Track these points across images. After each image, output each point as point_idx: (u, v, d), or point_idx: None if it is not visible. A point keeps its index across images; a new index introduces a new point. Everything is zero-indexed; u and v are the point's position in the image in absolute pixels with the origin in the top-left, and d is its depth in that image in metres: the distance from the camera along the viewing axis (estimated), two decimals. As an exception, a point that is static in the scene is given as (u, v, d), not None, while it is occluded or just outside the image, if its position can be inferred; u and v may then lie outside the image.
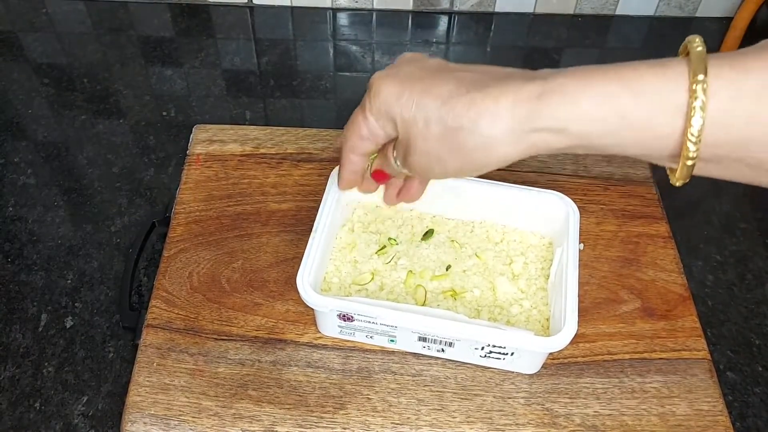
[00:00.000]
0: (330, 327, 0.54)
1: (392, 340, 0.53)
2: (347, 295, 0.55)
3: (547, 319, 0.54)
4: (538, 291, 0.55)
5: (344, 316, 0.51)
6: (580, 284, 0.52)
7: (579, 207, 0.55)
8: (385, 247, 0.57)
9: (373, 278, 0.56)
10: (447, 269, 0.56)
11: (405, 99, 0.41)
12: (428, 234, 0.58)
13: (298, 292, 0.50)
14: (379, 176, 0.49)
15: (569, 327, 0.48)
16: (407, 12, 0.98)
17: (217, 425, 0.50)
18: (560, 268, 0.53)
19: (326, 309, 0.50)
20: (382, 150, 0.47)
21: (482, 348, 0.51)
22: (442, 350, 0.53)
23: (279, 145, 0.68)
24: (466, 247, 0.58)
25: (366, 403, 0.52)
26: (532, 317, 0.54)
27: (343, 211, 0.59)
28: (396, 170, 0.46)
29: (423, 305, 0.54)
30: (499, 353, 0.51)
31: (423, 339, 0.52)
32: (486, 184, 0.57)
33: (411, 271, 0.56)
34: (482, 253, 0.57)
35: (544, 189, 0.57)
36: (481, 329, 0.49)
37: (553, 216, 0.56)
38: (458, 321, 0.49)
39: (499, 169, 0.61)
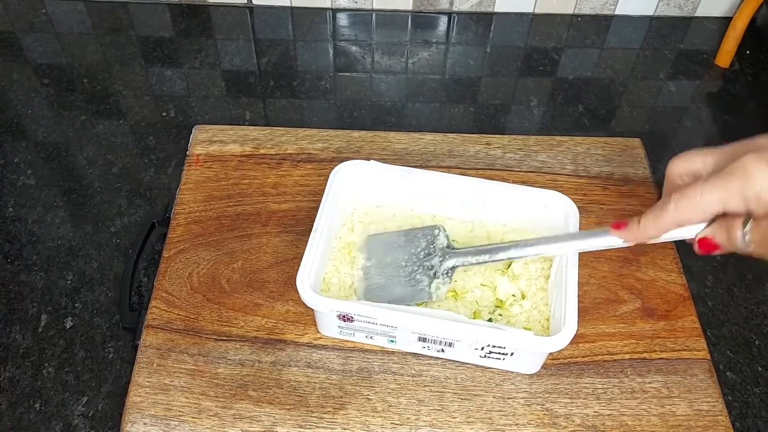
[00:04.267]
0: (330, 327, 0.54)
1: (392, 341, 0.53)
2: (347, 296, 0.55)
3: (547, 319, 0.54)
4: (538, 291, 0.55)
5: (344, 316, 0.51)
6: (580, 284, 0.52)
7: (579, 207, 0.55)
8: None
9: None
10: None
11: None
12: None
13: (297, 293, 0.50)
14: (707, 247, 0.46)
15: (569, 327, 0.48)
16: (407, 12, 0.98)
17: (217, 426, 0.50)
18: (560, 268, 0.53)
19: (326, 310, 0.50)
20: (721, 222, 0.45)
21: (482, 348, 0.51)
22: (442, 350, 0.53)
23: (279, 145, 0.68)
24: (468, 247, 0.57)
25: (366, 403, 0.52)
26: (532, 317, 0.54)
27: (343, 210, 0.59)
28: (738, 246, 0.44)
29: (423, 305, 0.54)
30: (499, 353, 0.51)
31: (423, 339, 0.52)
32: (486, 183, 0.57)
33: None
34: None
35: (543, 188, 0.57)
36: (481, 329, 0.49)
37: (552, 215, 0.56)
38: (458, 321, 0.49)
39: (498, 169, 0.61)
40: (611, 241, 0.49)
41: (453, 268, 0.54)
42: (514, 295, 0.55)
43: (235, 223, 0.62)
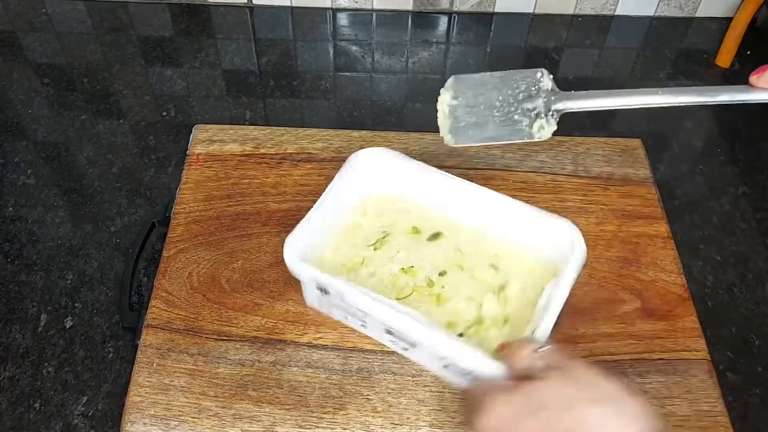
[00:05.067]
0: (310, 297, 0.54)
1: (363, 325, 0.53)
2: (336, 274, 0.53)
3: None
4: (521, 318, 0.52)
5: (321, 288, 0.51)
6: (580, 284, 0.52)
7: (579, 207, 0.55)
8: (387, 236, 0.57)
9: (363, 262, 0.55)
10: (440, 275, 0.55)
11: None
12: (435, 236, 0.57)
13: (285, 263, 0.50)
14: None
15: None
16: (407, 12, 0.98)
17: (216, 425, 0.50)
18: (551, 292, 0.50)
19: (304, 279, 0.51)
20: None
21: (441, 358, 0.49)
22: (407, 349, 0.52)
23: (279, 145, 0.68)
24: (469, 258, 0.56)
25: (366, 403, 0.52)
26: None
27: (359, 191, 0.58)
28: None
29: (402, 300, 0.53)
30: (457, 370, 0.48)
31: (389, 332, 0.51)
32: (505, 199, 0.55)
33: (404, 268, 0.55)
34: (482, 270, 0.55)
35: (554, 214, 0.54)
36: (438, 336, 0.47)
37: (559, 243, 0.53)
38: (419, 323, 0.47)
39: (498, 169, 0.61)
40: (754, 95, 0.45)
41: (560, 111, 0.51)
42: (496, 318, 0.52)
43: (235, 223, 0.62)
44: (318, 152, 0.68)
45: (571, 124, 0.83)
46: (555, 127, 0.51)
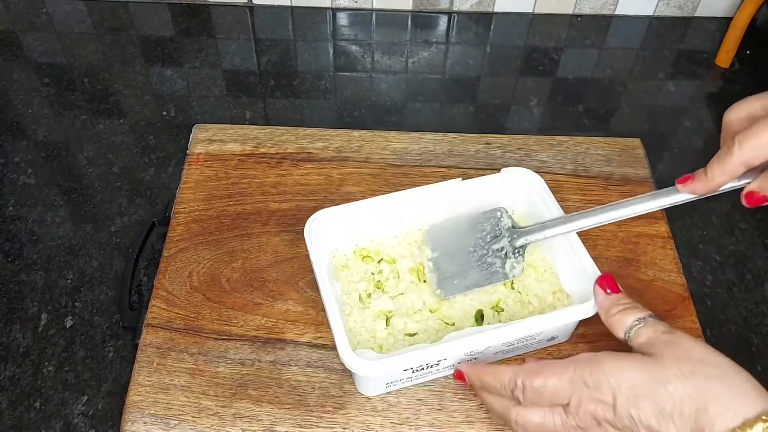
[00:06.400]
0: (374, 386, 0.52)
1: (438, 371, 0.52)
2: (379, 347, 0.53)
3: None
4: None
5: (409, 368, 0.49)
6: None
7: (578, 207, 0.56)
8: (379, 281, 0.57)
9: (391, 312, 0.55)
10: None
11: None
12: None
13: (343, 362, 0.48)
14: (755, 200, 0.46)
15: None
16: (407, 12, 0.98)
17: (216, 425, 0.50)
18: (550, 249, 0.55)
19: (399, 369, 0.49)
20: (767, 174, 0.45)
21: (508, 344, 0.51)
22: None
23: (279, 144, 0.68)
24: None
25: (366, 403, 0.52)
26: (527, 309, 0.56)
27: (332, 259, 0.58)
28: None
29: (451, 325, 0.54)
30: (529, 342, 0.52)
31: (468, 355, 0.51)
32: (450, 183, 0.58)
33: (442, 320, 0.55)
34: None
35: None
36: (525, 323, 0.50)
37: (516, 190, 0.59)
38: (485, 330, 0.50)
39: (498, 168, 0.61)
40: (681, 197, 0.49)
41: (524, 246, 0.54)
42: (507, 292, 0.56)
43: (235, 222, 0.62)
44: (318, 152, 0.68)
45: (571, 124, 0.84)
46: (524, 262, 0.55)
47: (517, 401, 0.45)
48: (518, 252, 0.54)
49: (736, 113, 0.47)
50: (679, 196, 0.49)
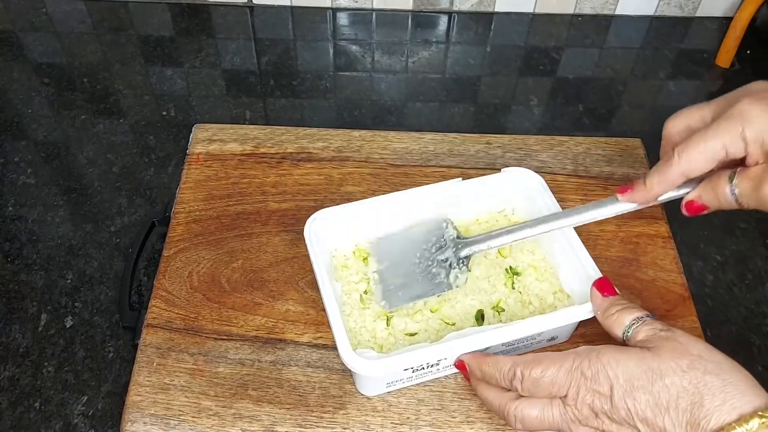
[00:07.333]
0: (374, 385, 0.51)
1: (438, 370, 0.52)
2: (380, 346, 0.53)
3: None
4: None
5: (409, 368, 0.50)
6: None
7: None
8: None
9: (388, 321, 0.55)
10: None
11: None
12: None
13: (339, 352, 0.48)
14: (695, 209, 0.48)
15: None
16: (407, 12, 0.98)
17: (216, 425, 0.50)
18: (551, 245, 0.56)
19: (400, 369, 0.49)
20: (706, 183, 0.46)
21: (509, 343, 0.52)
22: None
23: (279, 144, 0.68)
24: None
25: (366, 403, 0.52)
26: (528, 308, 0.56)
27: (332, 259, 0.58)
28: (727, 201, 0.45)
29: (452, 326, 0.54)
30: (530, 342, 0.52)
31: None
32: (443, 185, 0.58)
33: (442, 319, 0.55)
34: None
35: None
36: (527, 322, 0.50)
37: (516, 190, 0.59)
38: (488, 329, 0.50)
39: (498, 168, 0.61)
40: (621, 207, 0.49)
41: (468, 257, 0.54)
42: (507, 292, 0.56)
43: (235, 222, 0.62)
44: (318, 152, 0.68)
45: (571, 124, 0.84)
46: (467, 273, 0.54)
47: (516, 392, 0.45)
48: (462, 262, 0.54)
49: (676, 125, 0.48)
50: (620, 205, 0.50)
